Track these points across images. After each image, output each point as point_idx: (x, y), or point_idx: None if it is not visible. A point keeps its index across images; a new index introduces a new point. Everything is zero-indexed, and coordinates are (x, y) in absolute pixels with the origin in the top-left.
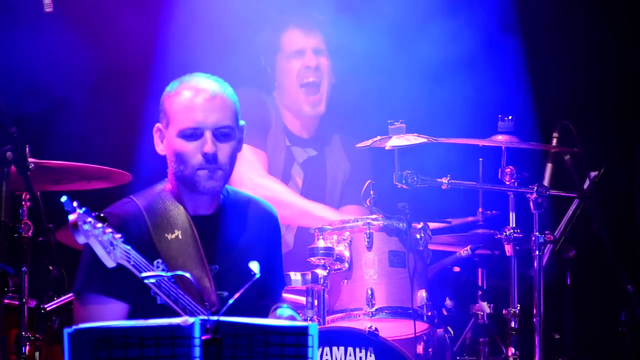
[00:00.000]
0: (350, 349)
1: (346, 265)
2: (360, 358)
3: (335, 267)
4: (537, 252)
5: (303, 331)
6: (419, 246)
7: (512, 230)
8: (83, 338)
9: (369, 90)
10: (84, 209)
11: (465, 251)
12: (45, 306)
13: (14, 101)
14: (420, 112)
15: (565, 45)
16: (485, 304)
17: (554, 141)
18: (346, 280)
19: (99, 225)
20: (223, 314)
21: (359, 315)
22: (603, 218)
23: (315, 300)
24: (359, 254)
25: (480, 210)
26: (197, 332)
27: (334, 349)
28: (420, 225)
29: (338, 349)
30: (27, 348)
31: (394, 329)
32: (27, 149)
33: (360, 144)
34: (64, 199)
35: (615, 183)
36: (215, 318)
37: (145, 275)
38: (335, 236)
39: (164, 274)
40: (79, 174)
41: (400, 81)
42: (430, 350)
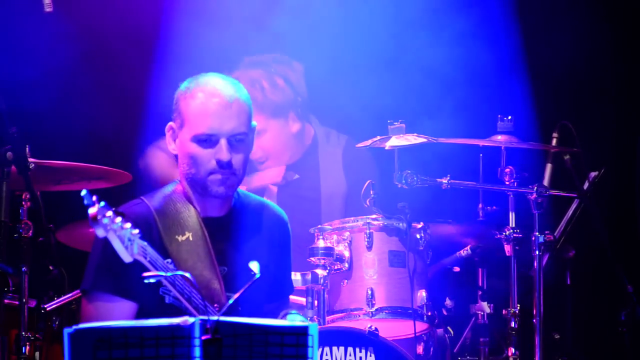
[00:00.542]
0: (350, 349)
1: (346, 265)
2: (360, 358)
3: (335, 267)
4: (537, 252)
5: (303, 331)
6: (419, 246)
7: (512, 230)
8: (83, 338)
9: (369, 90)
10: (103, 202)
11: (465, 251)
12: (45, 306)
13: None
14: (420, 112)
15: (565, 45)
16: (485, 304)
17: (554, 141)
18: (346, 280)
19: (118, 219)
20: (223, 314)
21: (359, 315)
22: (603, 218)
23: (315, 300)
24: (359, 254)
25: (480, 206)
26: (197, 332)
27: (334, 349)
28: (420, 225)
29: (338, 349)
30: (27, 348)
31: (394, 329)
32: (27, 149)
33: (360, 144)
34: (84, 192)
35: (615, 183)
36: (215, 318)
37: (146, 275)
38: (335, 236)
39: (163, 273)
40: (79, 174)
41: (400, 81)
42: (430, 350)
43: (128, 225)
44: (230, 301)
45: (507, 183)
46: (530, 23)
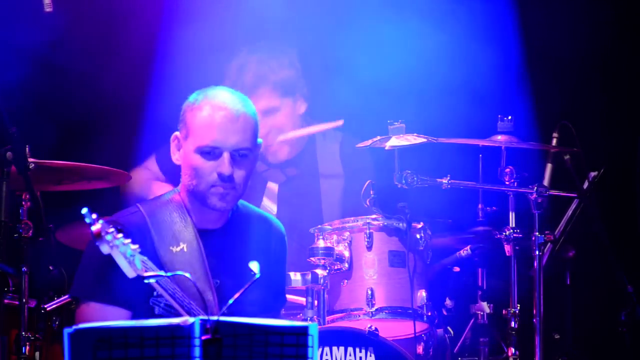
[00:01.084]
0: (350, 349)
1: (346, 265)
2: (360, 358)
3: (335, 267)
4: (537, 252)
5: (303, 331)
6: (419, 246)
7: (512, 230)
8: (83, 338)
9: (369, 90)
10: (102, 221)
11: (465, 251)
12: (45, 306)
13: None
14: (420, 112)
15: (565, 45)
16: (485, 304)
17: (554, 141)
18: (346, 280)
19: (119, 236)
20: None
21: (359, 315)
22: (603, 218)
23: (315, 300)
24: (359, 254)
25: (480, 206)
26: (197, 332)
27: (334, 349)
28: (420, 225)
29: (338, 349)
30: (27, 348)
31: (394, 329)
32: (27, 149)
33: (360, 144)
34: (85, 210)
35: (615, 183)
36: (215, 318)
37: (145, 275)
38: (335, 236)
39: (163, 273)
40: (79, 174)
41: (400, 81)
42: (430, 350)
43: (128, 241)
44: (231, 301)
45: (507, 183)
46: (531, 23)
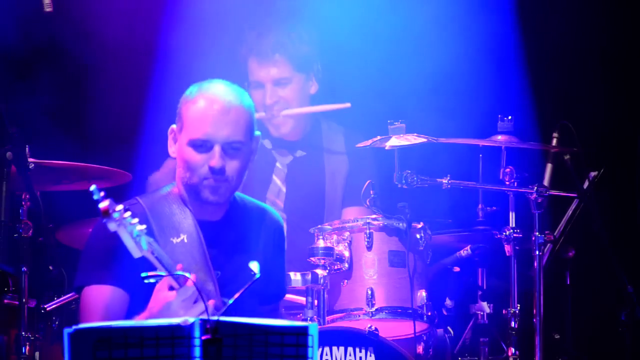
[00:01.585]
0: (350, 349)
1: (346, 265)
2: (360, 358)
3: (335, 267)
4: (537, 252)
5: (303, 331)
6: (419, 246)
7: (512, 230)
8: (83, 338)
9: (369, 90)
10: (110, 199)
11: (465, 251)
12: (45, 306)
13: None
14: (420, 112)
15: (565, 44)
16: (485, 304)
17: (554, 141)
18: (346, 280)
19: (127, 214)
20: (223, 315)
21: (359, 315)
22: (603, 218)
23: (315, 300)
24: (359, 254)
25: (480, 206)
26: (197, 332)
27: (334, 349)
28: (420, 225)
29: (338, 349)
30: (27, 348)
31: (394, 329)
32: (27, 149)
33: (360, 144)
34: (93, 187)
35: (615, 183)
36: (215, 318)
37: (145, 275)
38: (335, 236)
39: (164, 273)
40: (79, 174)
41: (400, 81)
42: (430, 350)
43: (136, 220)
44: (230, 301)
45: (507, 183)
46: (531, 23)
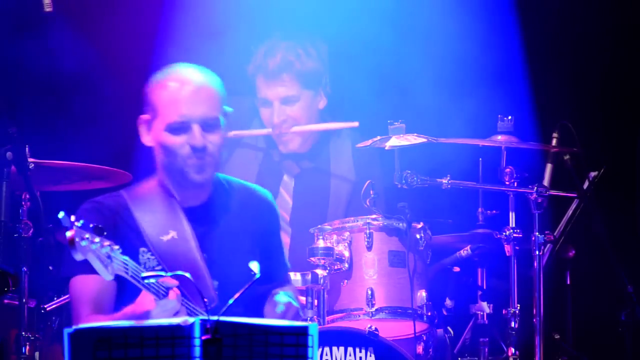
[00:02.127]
0: (350, 349)
1: (346, 265)
2: (360, 358)
3: (335, 267)
4: (537, 252)
5: (303, 331)
6: (419, 246)
7: (512, 230)
8: (83, 338)
9: (369, 90)
10: (81, 222)
11: (465, 251)
12: (45, 306)
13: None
14: (420, 112)
15: (565, 44)
16: (485, 304)
17: (554, 141)
18: (346, 280)
19: (97, 239)
20: (223, 314)
21: (359, 315)
22: (603, 218)
23: (315, 300)
24: (359, 254)
25: (480, 210)
26: (197, 332)
27: (334, 349)
28: (420, 225)
29: (338, 349)
30: (27, 348)
31: (394, 329)
32: (27, 149)
33: (360, 144)
34: (61, 214)
35: (615, 183)
36: (215, 318)
37: (145, 275)
38: (335, 236)
39: (163, 273)
40: (79, 174)
41: (400, 81)
42: (430, 350)
43: (107, 242)
44: (230, 301)
45: (507, 183)
46: (531, 22)
